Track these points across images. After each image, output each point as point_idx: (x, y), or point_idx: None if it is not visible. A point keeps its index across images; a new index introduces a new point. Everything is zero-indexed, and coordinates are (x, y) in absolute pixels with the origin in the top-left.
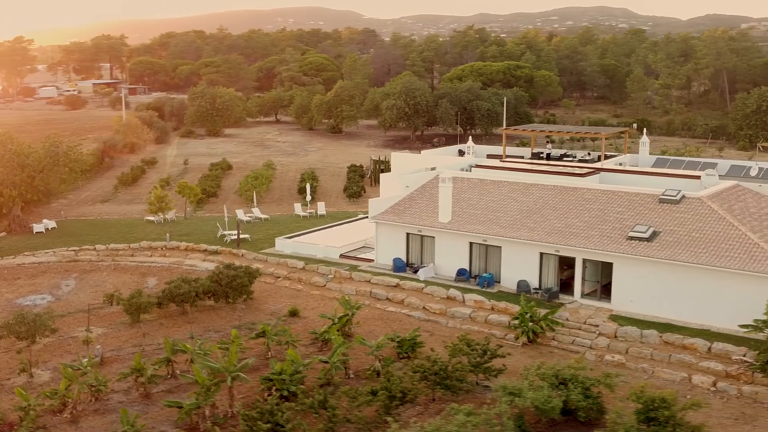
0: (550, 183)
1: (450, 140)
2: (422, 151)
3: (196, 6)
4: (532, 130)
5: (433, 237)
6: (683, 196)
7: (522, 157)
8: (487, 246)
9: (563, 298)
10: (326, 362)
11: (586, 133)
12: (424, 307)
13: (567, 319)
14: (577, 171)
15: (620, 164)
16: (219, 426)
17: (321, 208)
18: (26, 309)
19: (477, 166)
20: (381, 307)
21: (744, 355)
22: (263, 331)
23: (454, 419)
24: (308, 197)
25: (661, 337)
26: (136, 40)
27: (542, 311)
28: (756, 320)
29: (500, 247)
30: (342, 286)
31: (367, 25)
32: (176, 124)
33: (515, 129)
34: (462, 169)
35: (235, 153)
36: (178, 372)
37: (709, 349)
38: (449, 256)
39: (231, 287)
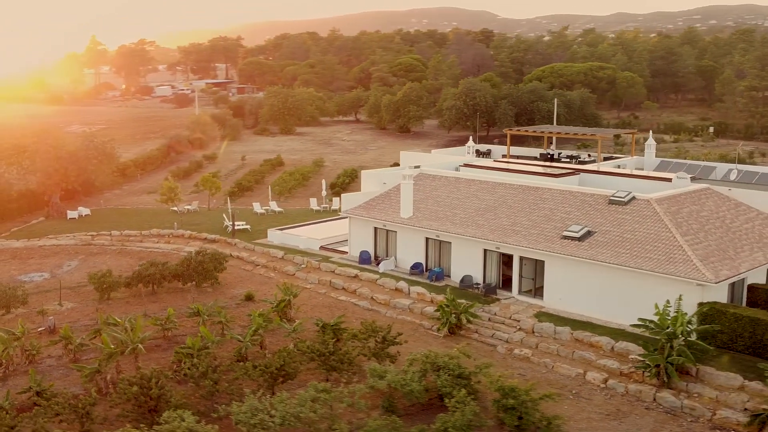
0: (515, 183)
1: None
2: (432, 151)
3: (332, 8)
4: (541, 132)
5: (396, 231)
6: (632, 198)
7: (526, 158)
8: (440, 241)
9: (503, 294)
10: (241, 341)
11: (583, 135)
12: (372, 297)
13: (495, 314)
14: (553, 172)
15: (618, 166)
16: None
17: (335, 203)
18: (17, 283)
19: (465, 165)
20: (334, 296)
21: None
22: (197, 310)
23: (298, 394)
24: (323, 192)
25: (572, 334)
26: (270, 42)
27: (468, 304)
28: (641, 319)
29: (450, 243)
30: (308, 276)
31: (501, 25)
32: (254, 121)
33: (518, 130)
34: (457, 168)
35: (297, 150)
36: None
37: (612, 348)
38: (408, 250)
39: (197, 272)
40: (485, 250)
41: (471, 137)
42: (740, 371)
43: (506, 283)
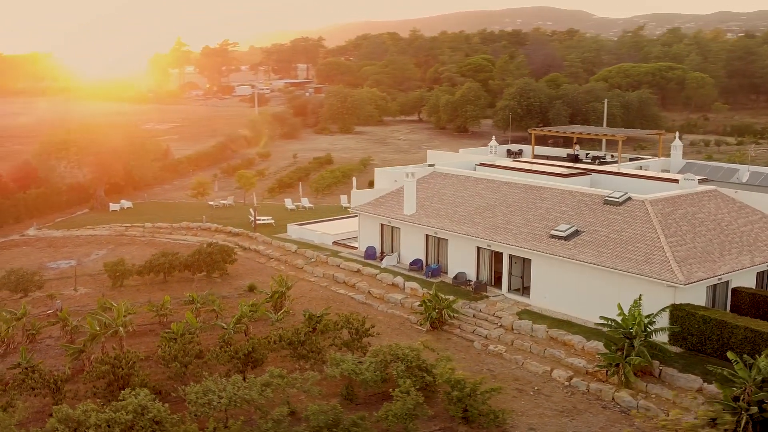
0: (519, 182)
1: (568, 142)
2: (460, 150)
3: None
4: (564, 132)
5: (399, 228)
6: (628, 199)
7: (553, 158)
8: (438, 238)
9: (493, 291)
10: (225, 328)
11: (604, 135)
12: (368, 292)
13: (480, 311)
14: (563, 172)
15: (641, 167)
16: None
17: None
18: (44, 269)
19: (481, 164)
20: (334, 289)
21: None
22: (192, 298)
23: (253, 379)
24: (353, 189)
25: (548, 332)
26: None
27: (451, 300)
28: (603, 317)
29: (447, 240)
30: (315, 269)
31: (597, 25)
32: (316, 120)
33: (542, 130)
34: (476, 167)
35: (351, 149)
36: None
37: (583, 347)
38: (410, 247)
39: (206, 263)
40: (478, 248)
41: (494, 137)
42: (702, 374)
43: (499, 281)
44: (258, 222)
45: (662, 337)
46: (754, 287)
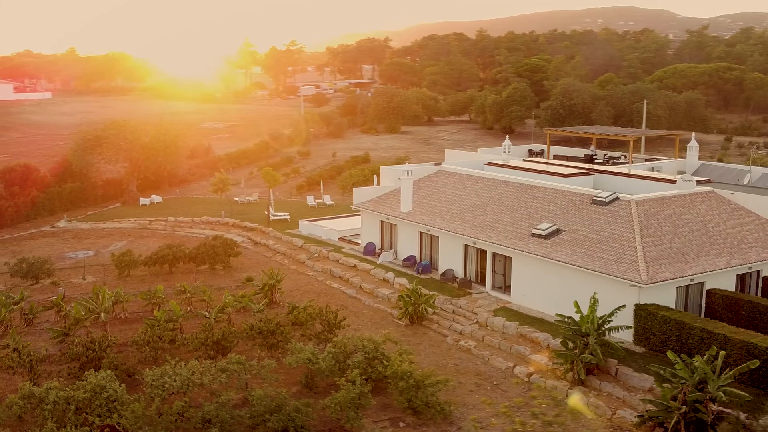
0: (515, 181)
1: (612, 144)
2: (479, 150)
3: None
4: (576, 132)
5: (396, 225)
6: (615, 199)
7: (569, 158)
8: (430, 236)
9: (478, 288)
10: (207, 317)
11: (615, 135)
12: (360, 287)
13: (460, 307)
14: (564, 171)
15: (653, 168)
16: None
17: None
18: (61, 259)
19: (489, 163)
20: (329, 283)
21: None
22: (183, 288)
23: (209, 364)
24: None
25: (518, 329)
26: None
27: (429, 295)
28: (559, 314)
29: (438, 237)
30: (315, 264)
31: (681, 25)
32: (364, 120)
33: (556, 130)
34: (484, 165)
35: (393, 148)
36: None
37: (549, 344)
38: (405, 243)
39: (209, 255)
40: (465, 246)
41: (507, 137)
42: (657, 374)
43: (485, 278)
44: (274, 218)
45: (628, 336)
46: (732, 289)
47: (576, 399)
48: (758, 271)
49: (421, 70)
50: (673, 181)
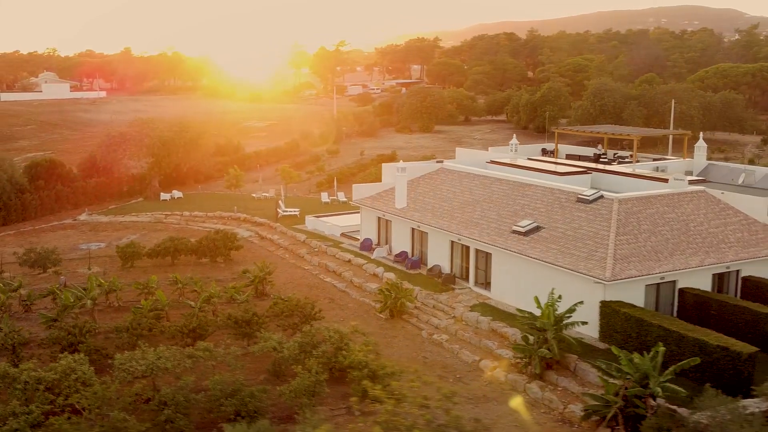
0: (509, 179)
1: (646, 143)
2: (489, 149)
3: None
4: (581, 131)
5: (391, 221)
6: (599, 197)
7: (579, 157)
8: (421, 232)
9: (461, 284)
10: (192, 306)
11: (620, 135)
12: (351, 281)
13: (441, 302)
14: (561, 170)
15: (657, 168)
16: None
17: None
18: (74, 250)
19: (491, 162)
20: (322, 277)
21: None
22: (176, 279)
23: (175, 350)
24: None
25: (490, 324)
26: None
27: (409, 290)
28: (519, 310)
29: (427, 233)
30: (313, 258)
31: (748, 24)
32: (399, 118)
33: (564, 129)
34: (486, 163)
35: (424, 147)
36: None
37: (516, 339)
38: (399, 239)
39: (209, 248)
40: (452, 242)
41: (514, 135)
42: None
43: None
44: (284, 213)
45: (595, 333)
46: (708, 289)
47: (518, 401)
48: (737, 271)
49: (470, 70)
50: (666, 180)
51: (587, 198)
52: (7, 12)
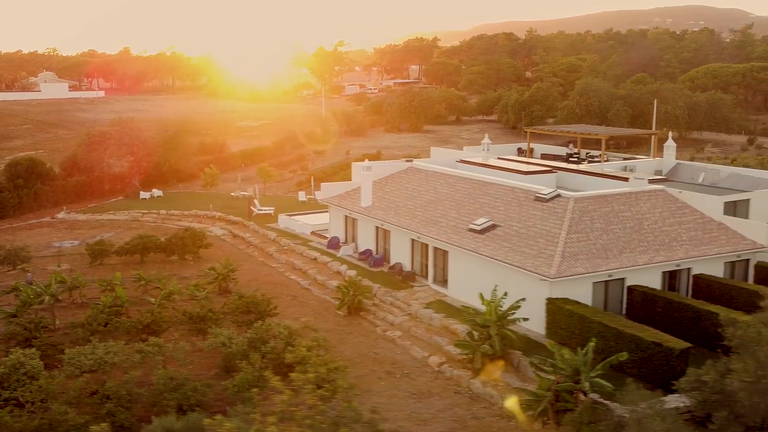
0: (474, 178)
1: (633, 143)
2: (465, 148)
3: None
4: (554, 131)
5: (357, 220)
6: (556, 196)
7: (552, 156)
8: (384, 230)
9: (422, 281)
10: (152, 303)
11: (588, 134)
12: (315, 278)
13: (398, 299)
14: (525, 169)
15: (626, 168)
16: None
17: None
18: (47, 248)
19: (461, 161)
20: (287, 274)
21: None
22: (139, 276)
23: (123, 345)
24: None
25: (442, 321)
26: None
27: (366, 287)
28: (464, 306)
29: (390, 231)
30: (281, 256)
31: (755, 23)
32: (388, 118)
33: (535, 129)
34: (456, 162)
35: (410, 147)
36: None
37: (465, 336)
38: (364, 237)
39: (178, 246)
40: (412, 240)
41: (486, 135)
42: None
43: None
44: (259, 212)
45: (541, 329)
46: (658, 287)
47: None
48: (689, 269)
49: (467, 70)
50: (626, 179)
51: (544, 197)
52: (10, 11)
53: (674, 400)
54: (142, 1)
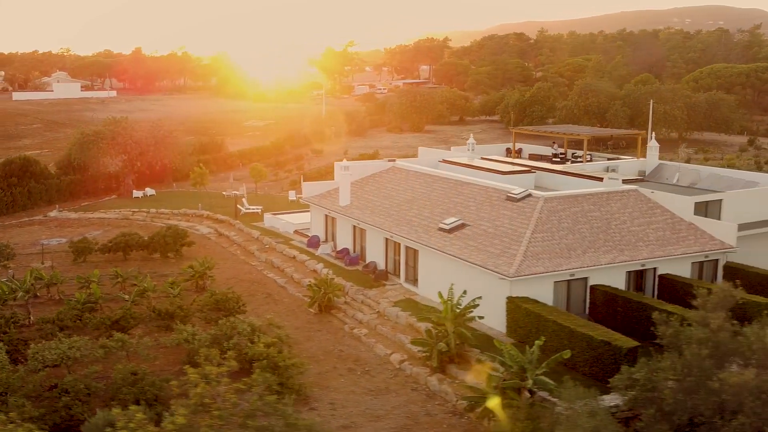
0: (451, 178)
1: (631, 144)
2: (452, 148)
3: (591, 8)
4: (538, 131)
5: (336, 219)
6: (527, 195)
7: (539, 157)
8: (361, 229)
9: (394, 280)
10: (126, 300)
11: (571, 134)
12: (291, 276)
13: (369, 297)
14: (504, 169)
15: (608, 168)
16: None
17: None
18: (35, 245)
19: (443, 161)
20: (265, 273)
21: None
22: (116, 273)
23: (86, 341)
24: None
25: (407, 319)
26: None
27: (337, 285)
28: (426, 306)
29: (366, 230)
30: (262, 255)
31: (764, 23)
32: (389, 118)
33: (521, 129)
34: (438, 162)
35: (410, 147)
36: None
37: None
38: (342, 236)
39: (160, 244)
40: (386, 239)
41: (471, 135)
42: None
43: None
44: (247, 211)
45: (502, 327)
46: (622, 286)
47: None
48: (654, 269)
49: (476, 71)
50: (601, 179)
51: (515, 196)
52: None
53: (613, 399)
54: (152, 1)
